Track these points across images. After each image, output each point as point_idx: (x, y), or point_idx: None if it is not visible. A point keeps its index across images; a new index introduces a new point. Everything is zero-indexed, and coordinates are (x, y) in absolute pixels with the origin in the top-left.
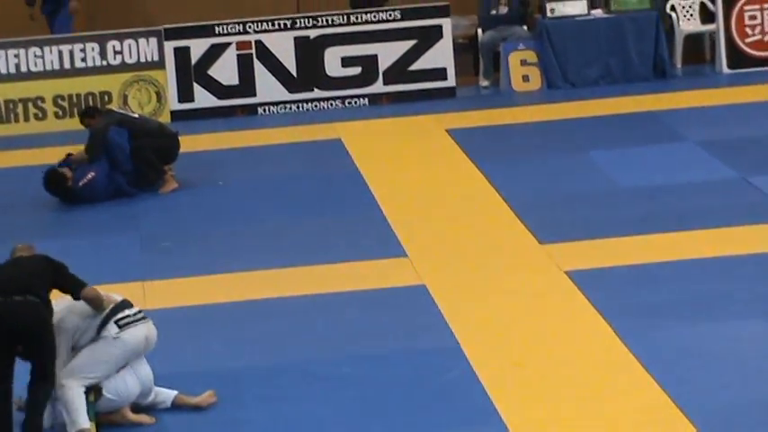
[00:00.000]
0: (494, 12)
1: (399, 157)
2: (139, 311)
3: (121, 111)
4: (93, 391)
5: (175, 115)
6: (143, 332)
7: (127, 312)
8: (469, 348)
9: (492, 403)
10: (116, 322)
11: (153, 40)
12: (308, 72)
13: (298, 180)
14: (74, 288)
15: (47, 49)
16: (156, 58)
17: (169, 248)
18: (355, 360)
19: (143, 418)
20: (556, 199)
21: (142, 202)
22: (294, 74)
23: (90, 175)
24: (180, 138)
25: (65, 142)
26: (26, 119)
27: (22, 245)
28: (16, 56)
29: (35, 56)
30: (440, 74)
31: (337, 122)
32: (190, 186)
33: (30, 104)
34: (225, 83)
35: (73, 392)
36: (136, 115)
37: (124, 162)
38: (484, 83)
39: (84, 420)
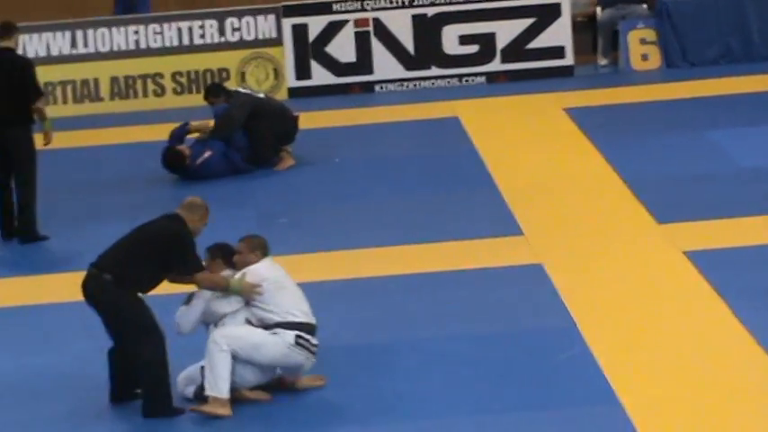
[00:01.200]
0: None
1: (516, 135)
2: (316, 345)
3: (247, 90)
4: None
5: (292, 92)
6: (304, 361)
7: (310, 339)
8: (586, 328)
9: (608, 383)
10: (296, 336)
11: (271, 17)
12: (426, 50)
13: (414, 158)
14: (185, 271)
15: (166, 26)
16: (273, 35)
17: (285, 225)
18: (471, 338)
19: (260, 395)
20: (674, 179)
21: (259, 178)
22: (411, 52)
23: (207, 154)
24: (298, 116)
25: (182, 118)
26: (145, 95)
27: (192, 199)
28: (136, 32)
29: (154, 32)
30: (558, 52)
31: (454, 100)
32: (306, 163)
33: (149, 80)
34: (342, 60)
35: (222, 357)
36: (261, 95)
37: (239, 139)
38: (602, 61)
39: (224, 388)
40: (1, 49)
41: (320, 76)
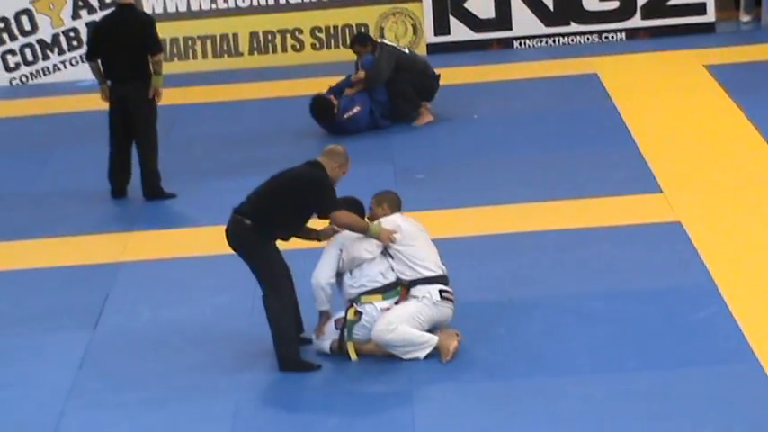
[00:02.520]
0: None
1: (656, 92)
2: (449, 292)
3: (392, 43)
4: (354, 311)
5: (431, 48)
6: (450, 312)
7: (448, 288)
8: (724, 286)
9: (747, 341)
10: (440, 291)
11: None
12: (565, 6)
13: (552, 114)
14: (321, 210)
15: None
16: None
17: (423, 181)
18: (608, 295)
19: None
20: None
21: (397, 134)
22: (551, 7)
23: (356, 109)
24: (435, 71)
25: (321, 74)
26: (284, 50)
27: (332, 146)
28: None
29: None
30: (699, 8)
31: (593, 57)
32: (444, 119)
33: (288, 36)
34: (481, 16)
35: (401, 331)
36: (406, 50)
37: (379, 93)
38: (744, 18)
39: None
40: (121, 5)
41: (459, 31)
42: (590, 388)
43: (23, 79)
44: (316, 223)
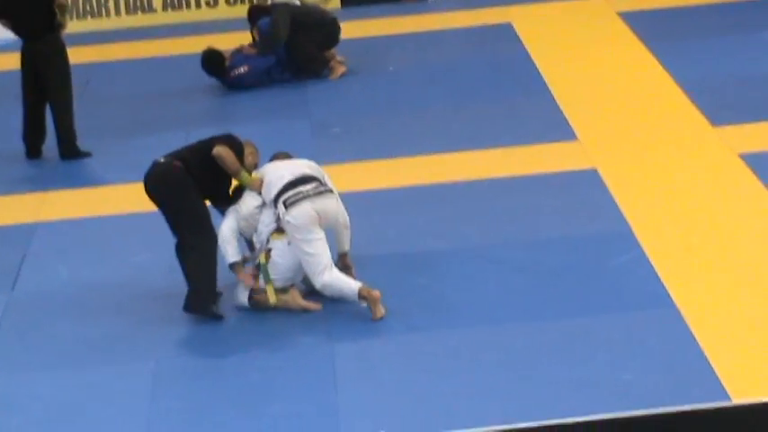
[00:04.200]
0: None
1: (570, 40)
2: (320, 185)
3: (283, 0)
4: (264, 253)
5: (345, 1)
6: (309, 208)
7: (298, 190)
8: (641, 232)
9: (664, 287)
10: (284, 202)
11: None
12: None
13: (468, 65)
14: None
15: None
16: None
17: (339, 134)
18: (525, 244)
19: (311, 304)
20: (729, 81)
21: (312, 88)
22: None
23: (242, 69)
24: (348, 23)
25: (236, 29)
26: (198, 5)
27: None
28: None
29: None
30: None
31: (507, 6)
32: (359, 72)
33: None
34: None
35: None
36: (297, 2)
37: (279, 52)
38: None
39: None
40: None
41: None
42: (508, 337)
43: None
44: None
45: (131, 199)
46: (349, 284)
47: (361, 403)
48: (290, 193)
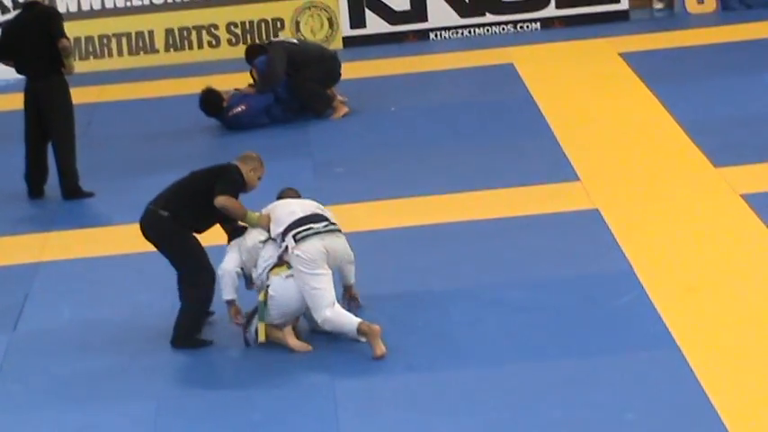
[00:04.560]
0: None
1: (572, 81)
2: (330, 224)
3: (280, 39)
4: (264, 291)
5: (347, 41)
6: (320, 245)
7: (309, 226)
8: (643, 273)
9: (666, 327)
10: (294, 236)
11: None
12: None
13: (469, 105)
14: (216, 191)
15: None
16: None
17: (342, 174)
18: (527, 285)
19: (301, 345)
20: (731, 122)
21: (314, 128)
22: None
23: (240, 108)
24: (350, 63)
25: (237, 69)
26: (200, 46)
27: (247, 152)
28: None
29: None
30: None
31: (509, 47)
32: (362, 112)
33: (203, 32)
34: (396, 8)
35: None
36: (295, 41)
37: (280, 91)
38: (657, 5)
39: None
40: (28, 3)
41: (375, 24)
42: (511, 378)
43: None
44: None
45: (133, 239)
46: (350, 319)
47: None
48: (301, 228)
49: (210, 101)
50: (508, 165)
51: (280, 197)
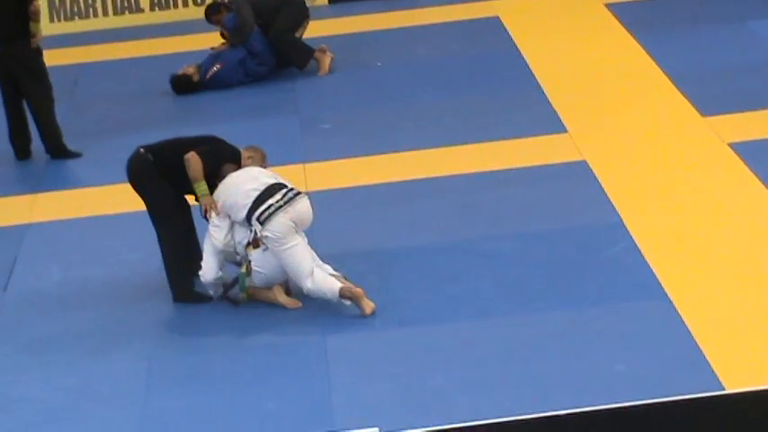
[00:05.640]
0: None
1: (558, 33)
2: (288, 191)
3: None
4: (245, 264)
5: None
6: (285, 218)
7: (268, 204)
8: (632, 223)
9: (656, 277)
10: (258, 219)
11: None
12: None
13: (456, 59)
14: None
15: None
16: None
17: (329, 130)
18: (518, 237)
19: (291, 302)
20: (717, 71)
21: (300, 84)
22: None
23: (215, 67)
24: (337, 19)
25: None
26: (185, 4)
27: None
28: None
29: None
30: None
31: (495, 0)
32: (348, 68)
33: None
34: None
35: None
36: None
37: (253, 43)
38: None
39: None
40: None
41: None
42: (502, 330)
43: None
44: None
45: (121, 199)
46: (330, 286)
47: (355, 398)
48: (262, 208)
49: (182, 85)
50: (496, 118)
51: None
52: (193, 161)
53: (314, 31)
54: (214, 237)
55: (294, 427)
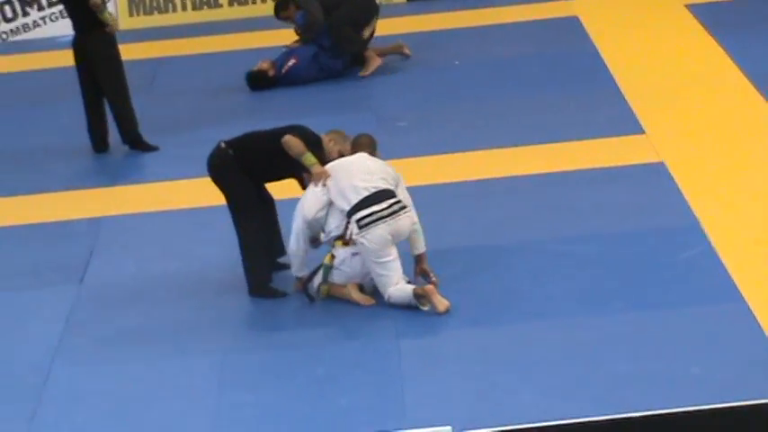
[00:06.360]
0: None
1: (637, 33)
2: (395, 203)
3: None
4: (330, 256)
5: None
6: (385, 232)
7: (372, 210)
8: (709, 226)
9: (733, 281)
10: (357, 222)
11: None
12: None
13: (534, 58)
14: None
15: None
16: None
17: (405, 128)
18: (593, 238)
19: (365, 299)
20: None
21: (377, 82)
22: None
23: (291, 62)
24: (416, 17)
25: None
26: (263, 0)
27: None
28: None
29: None
30: None
31: (574, 0)
32: (425, 66)
33: None
34: None
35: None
36: None
37: (323, 39)
38: None
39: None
40: None
41: None
42: (575, 332)
43: (3, 36)
44: None
45: (197, 193)
46: (405, 291)
47: (428, 396)
48: (365, 213)
49: (257, 80)
50: (573, 118)
51: (355, 142)
52: (291, 140)
53: (391, 28)
54: (307, 207)
55: (367, 424)
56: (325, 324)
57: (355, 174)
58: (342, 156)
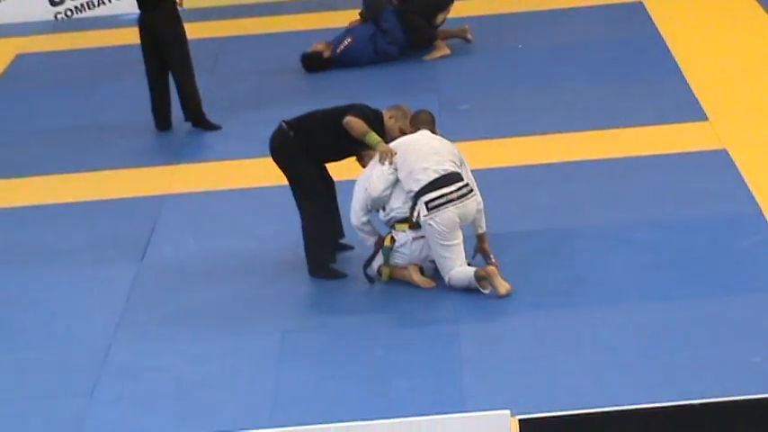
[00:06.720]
0: None
1: (702, 20)
2: (463, 186)
3: None
4: (390, 238)
5: None
6: (453, 215)
7: (442, 192)
8: None
9: None
10: (426, 204)
11: None
12: None
13: (598, 43)
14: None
15: None
16: None
17: (468, 111)
18: (654, 224)
19: (425, 281)
20: None
21: (440, 64)
22: None
23: (347, 41)
24: (480, 0)
25: (358, 4)
26: None
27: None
28: None
29: None
30: None
31: None
32: (488, 50)
33: None
34: None
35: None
36: None
37: (386, 21)
38: None
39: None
40: None
41: None
42: (636, 317)
43: (68, 13)
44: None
45: (259, 173)
46: (466, 273)
47: (486, 380)
48: (435, 195)
49: (312, 62)
50: (635, 104)
51: (414, 119)
52: (353, 120)
53: (456, 11)
54: (373, 185)
55: (424, 406)
56: (385, 306)
57: (425, 155)
58: (403, 133)
